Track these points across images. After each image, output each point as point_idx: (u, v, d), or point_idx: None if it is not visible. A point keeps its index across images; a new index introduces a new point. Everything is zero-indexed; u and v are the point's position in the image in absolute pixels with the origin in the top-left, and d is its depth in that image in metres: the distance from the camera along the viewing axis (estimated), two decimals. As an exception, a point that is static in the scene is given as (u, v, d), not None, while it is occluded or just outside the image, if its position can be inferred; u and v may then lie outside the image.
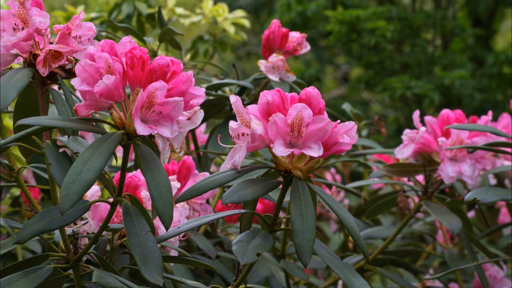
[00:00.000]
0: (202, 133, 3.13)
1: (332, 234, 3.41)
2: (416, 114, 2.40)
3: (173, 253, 1.92)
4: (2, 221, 1.80)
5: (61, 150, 1.62)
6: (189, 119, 1.57)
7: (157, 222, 1.80)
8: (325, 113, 1.58)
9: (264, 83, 2.49)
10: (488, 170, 2.46)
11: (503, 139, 2.23)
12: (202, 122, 1.63)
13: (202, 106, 1.59)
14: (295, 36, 2.53)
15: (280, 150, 1.53)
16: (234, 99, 1.59)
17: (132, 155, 2.69)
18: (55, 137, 1.64)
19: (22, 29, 1.67)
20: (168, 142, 1.55)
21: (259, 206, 2.89)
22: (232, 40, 4.15)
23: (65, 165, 1.59)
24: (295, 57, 3.88)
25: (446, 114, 2.41)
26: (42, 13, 1.66)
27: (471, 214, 3.22)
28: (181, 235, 2.00)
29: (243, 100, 2.46)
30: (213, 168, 3.03)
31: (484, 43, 8.58)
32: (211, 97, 2.43)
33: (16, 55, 1.68)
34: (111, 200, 1.62)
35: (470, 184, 2.44)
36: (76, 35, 1.69)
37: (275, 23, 2.50)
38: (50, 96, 1.68)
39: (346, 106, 3.32)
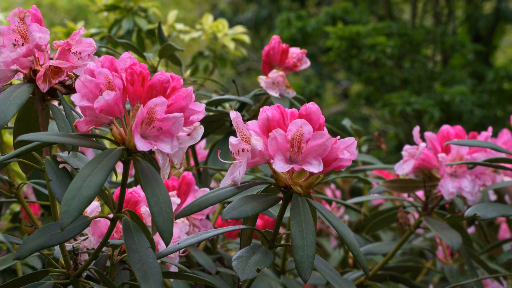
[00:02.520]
0: (202, 149, 3.14)
1: (332, 250, 3.41)
2: (416, 130, 2.40)
3: (173, 269, 1.92)
4: (2, 237, 1.79)
5: (61, 166, 1.62)
6: (189, 134, 1.57)
7: (157, 238, 1.79)
8: (325, 129, 1.58)
9: (264, 99, 2.49)
10: (488, 186, 2.46)
11: (503, 155, 2.23)
12: (202, 138, 1.63)
13: (202, 122, 1.59)
14: (295, 52, 2.53)
15: (280, 166, 1.53)
16: (234, 115, 1.59)
17: (132, 171, 2.68)
18: (55, 153, 1.65)
19: (22, 44, 1.67)
20: (168, 158, 1.55)
21: (259, 222, 2.89)
22: (232, 56, 4.16)
23: (65, 181, 1.59)
24: (295, 73, 3.89)
25: (446, 130, 2.41)
26: (42, 29, 1.66)
27: (471, 230, 3.21)
28: (181, 251, 2.00)
29: (243, 116, 2.46)
30: (213, 184, 3.03)
31: (484, 59, 8.60)
32: (211, 113, 2.43)
33: (16, 71, 1.68)
34: (111, 216, 1.62)
35: (470, 200, 2.44)
36: (76, 51, 1.69)
37: (275, 39, 2.50)
38: (50, 112, 1.68)
39: (346, 122, 3.33)
